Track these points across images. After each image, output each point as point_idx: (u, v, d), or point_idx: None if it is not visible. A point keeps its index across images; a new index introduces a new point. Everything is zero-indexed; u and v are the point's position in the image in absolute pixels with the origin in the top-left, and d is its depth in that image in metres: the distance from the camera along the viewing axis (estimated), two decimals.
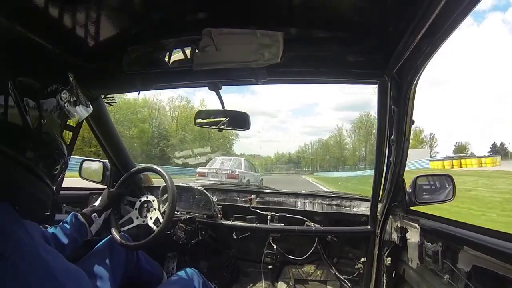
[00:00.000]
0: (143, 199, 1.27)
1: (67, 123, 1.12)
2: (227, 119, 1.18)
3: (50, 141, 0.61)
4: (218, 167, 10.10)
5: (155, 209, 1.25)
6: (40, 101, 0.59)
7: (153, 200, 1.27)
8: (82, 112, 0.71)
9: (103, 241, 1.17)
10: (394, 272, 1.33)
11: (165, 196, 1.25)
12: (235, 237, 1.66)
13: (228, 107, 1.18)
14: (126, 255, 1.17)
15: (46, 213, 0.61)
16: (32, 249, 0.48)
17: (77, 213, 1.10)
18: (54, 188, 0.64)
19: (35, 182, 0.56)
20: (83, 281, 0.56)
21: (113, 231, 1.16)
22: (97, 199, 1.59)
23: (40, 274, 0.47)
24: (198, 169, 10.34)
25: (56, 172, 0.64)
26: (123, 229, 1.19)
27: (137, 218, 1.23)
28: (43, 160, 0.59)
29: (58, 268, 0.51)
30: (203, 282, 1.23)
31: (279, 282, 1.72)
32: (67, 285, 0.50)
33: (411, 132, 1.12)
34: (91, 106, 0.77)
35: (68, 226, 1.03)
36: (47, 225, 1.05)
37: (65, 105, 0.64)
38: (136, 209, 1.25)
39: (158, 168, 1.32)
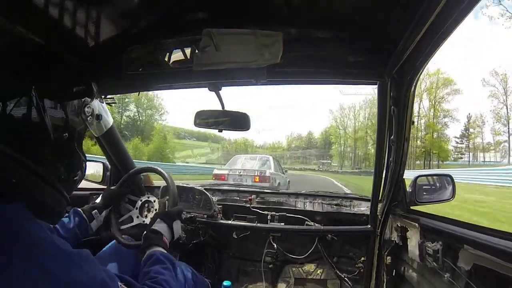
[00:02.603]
0: (144, 199, 1.27)
1: None
2: (227, 120, 1.17)
3: (70, 154, 0.62)
4: (241, 168, 7.80)
5: (155, 210, 1.25)
6: (65, 112, 0.61)
7: (154, 201, 1.27)
8: (103, 126, 0.72)
9: (108, 245, 1.17)
10: (394, 271, 1.34)
11: (166, 197, 1.25)
12: (235, 237, 1.66)
13: (235, 102, 1.17)
14: (136, 258, 1.16)
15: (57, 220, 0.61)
16: (50, 242, 0.49)
17: (78, 209, 1.10)
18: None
19: (47, 190, 0.57)
20: (94, 260, 0.57)
21: (114, 230, 1.16)
22: (97, 199, 1.60)
23: (63, 263, 0.48)
24: (215, 171, 7.99)
25: (72, 183, 0.65)
26: (122, 227, 1.18)
27: (137, 217, 1.23)
28: (61, 172, 0.61)
29: (76, 253, 0.52)
30: (192, 273, 1.24)
31: (280, 281, 1.72)
32: (86, 267, 0.51)
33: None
34: (111, 119, 0.77)
35: (69, 221, 1.03)
36: None
37: (88, 118, 0.65)
38: (136, 208, 1.25)
39: (159, 168, 1.32)
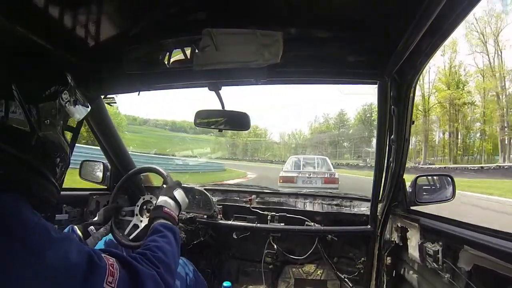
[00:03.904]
0: (140, 202, 1.26)
1: (67, 123, 1.12)
2: (227, 120, 1.18)
3: (53, 140, 0.63)
4: (312, 170, 7.84)
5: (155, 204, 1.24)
6: (43, 102, 0.61)
7: (151, 198, 1.27)
8: (81, 111, 0.73)
9: (98, 243, 1.17)
10: (394, 271, 1.33)
11: (163, 186, 1.24)
12: (235, 237, 1.66)
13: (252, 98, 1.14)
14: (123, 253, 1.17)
15: (52, 212, 0.63)
16: (42, 227, 0.50)
17: (74, 226, 1.09)
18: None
19: (40, 181, 0.58)
20: (79, 242, 0.59)
21: (124, 242, 1.14)
22: (97, 199, 1.60)
23: (54, 247, 0.49)
24: (282, 173, 7.88)
25: (59, 171, 0.66)
26: (131, 237, 1.17)
27: (141, 221, 1.22)
28: (47, 160, 0.61)
29: (65, 236, 0.54)
30: (193, 270, 1.24)
31: (280, 281, 1.72)
32: (74, 248, 0.53)
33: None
34: (89, 105, 0.78)
35: None
36: None
37: (66, 104, 0.66)
38: (137, 215, 1.24)
39: (157, 168, 1.31)
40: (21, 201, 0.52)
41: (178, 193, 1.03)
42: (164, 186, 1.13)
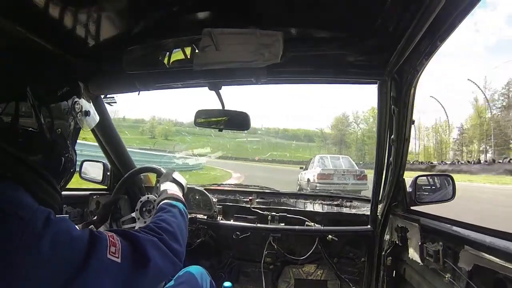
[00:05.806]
0: (138, 206, 1.25)
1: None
2: (227, 119, 1.18)
3: (61, 146, 0.64)
4: (345, 167, 8.93)
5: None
6: (56, 107, 0.63)
7: (148, 198, 1.26)
8: (91, 122, 0.74)
9: None
10: (394, 271, 1.33)
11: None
12: (235, 237, 1.66)
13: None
14: None
15: None
16: (41, 211, 0.51)
17: (75, 226, 1.10)
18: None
19: (40, 182, 0.58)
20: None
21: None
22: (97, 199, 1.60)
23: (55, 227, 0.50)
24: (320, 171, 8.68)
25: (64, 177, 0.67)
26: None
27: (145, 222, 1.22)
28: (52, 164, 0.62)
29: (62, 217, 0.55)
30: (210, 281, 1.23)
31: (280, 282, 1.72)
32: (74, 227, 0.55)
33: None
34: (98, 116, 0.79)
35: None
36: None
37: (78, 115, 0.67)
38: (138, 218, 1.24)
39: (150, 165, 1.31)
40: (20, 189, 0.52)
41: (177, 175, 1.05)
42: (159, 179, 1.14)
